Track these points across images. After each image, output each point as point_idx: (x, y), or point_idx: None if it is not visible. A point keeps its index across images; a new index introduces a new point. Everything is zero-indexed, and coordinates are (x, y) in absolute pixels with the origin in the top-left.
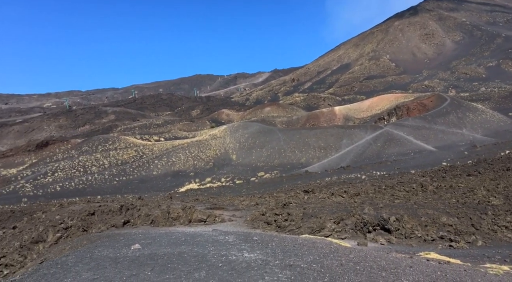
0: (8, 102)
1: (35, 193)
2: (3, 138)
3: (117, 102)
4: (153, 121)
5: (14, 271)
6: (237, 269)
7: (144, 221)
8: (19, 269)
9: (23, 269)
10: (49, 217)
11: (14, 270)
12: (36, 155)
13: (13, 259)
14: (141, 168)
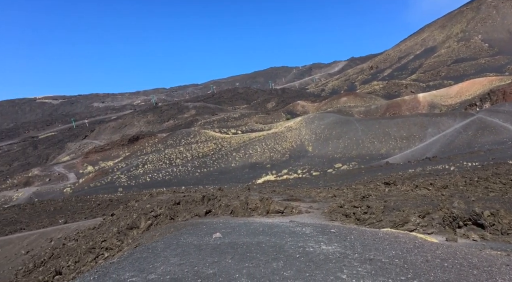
0: (105, 101)
1: (129, 183)
2: (101, 134)
3: (197, 98)
4: (231, 114)
5: (113, 254)
6: (314, 261)
7: (224, 211)
8: (117, 252)
9: (120, 253)
10: (141, 206)
11: (113, 253)
12: (129, 149)
13: (112, 243)
14: (220, 160)
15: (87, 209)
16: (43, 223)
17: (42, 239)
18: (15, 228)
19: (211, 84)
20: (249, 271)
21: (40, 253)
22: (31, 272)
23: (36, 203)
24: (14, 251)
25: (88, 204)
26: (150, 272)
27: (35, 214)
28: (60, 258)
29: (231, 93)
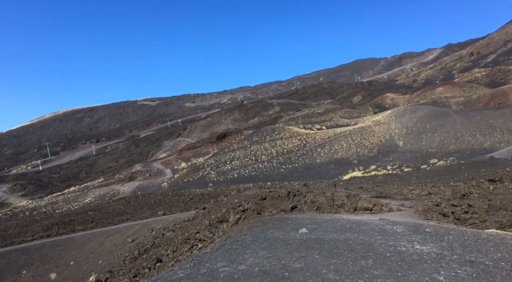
0: (195, 101)
1: (218, 179)
2: (192, 132)
3: (281, 94)
4: (315, 110)
5: (206, 245)
6: (407, 261)
7: (310, 207)
8: (209, 243)
9: (212, 244)
10: (230, 200)
11: (205, 244)
12: (217, 146)
13: (204, 234)
14: (305, 156)
15: (182, 202)
16: (145, 214)
17: (145, 229)
18: (122, 218)
19: (295, 80)
20: (336, 267)
21: (143, 241)
22: (136, 259)
23: (139, 196)
24: (122, 239)
25: (182, 198)
26: (240, 263)
27: (139, 206)
28: (160, 247)
29: (315, 88)
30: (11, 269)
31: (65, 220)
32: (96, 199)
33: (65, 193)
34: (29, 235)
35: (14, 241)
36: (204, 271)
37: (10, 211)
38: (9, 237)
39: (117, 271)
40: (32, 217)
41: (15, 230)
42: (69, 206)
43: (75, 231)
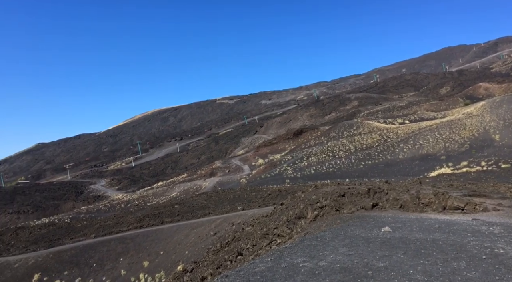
0: (271, 98)
1: (295, 175)
2: (269, 129)
3: (359, 88)
4: (396, 103)
5: (284, 240)
6: (506, 264)
7: (392, 205)
8: (287, 239)
9: (291, 240)
10: (307, 197)
11: (284, 240)
12: (294, 142)
13: (282, 230)
14: (386, 151)
15: (259, 198)
16: (226, 209)
17: (226, 223)
18: (205, 212)
19: (374, 73)
20: (424, 268)
21: (225, 235)
22: (219, 251)
23: (219, 191)
24: (205, 232)
25: (260, 194)
26: (320, 259)
27: (219, 201)
28: (240, 240)
29: (396, 80)
30: (111, 256)
31: (155, 212)
32: (181, 193)
33: (154, 187)
34: (125, 226)
35: (112, 231)
36: (284, 265)
37: (109, 203)
38: (108, 227)
39: (201, 262)
40: (127, 209)
41: (113, 221)
42: (158, 199)
43: (163, 223)
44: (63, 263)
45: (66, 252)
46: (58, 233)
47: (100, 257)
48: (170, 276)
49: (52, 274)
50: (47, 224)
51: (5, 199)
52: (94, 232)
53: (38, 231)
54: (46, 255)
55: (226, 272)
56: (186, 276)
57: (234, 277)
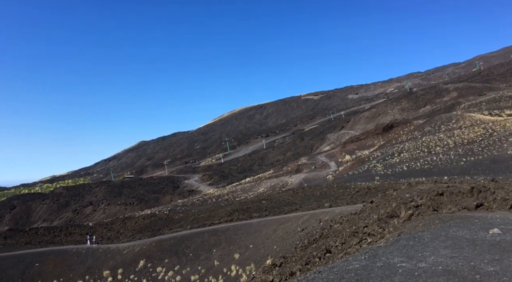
0: (358, 92)
1: (385, 172)
2: (356, 124)
3: (459, 78)
4: (504, 93)
5: (376, 240)
6: None
7: (500, 206)
8: (379, 238)
9: (383, 239)
10: (400, 195)
11: (375, 239)
12: (383, 137)
13: (373, 229)
14: (492, 146)
15: (347, 195)
16: (312, 206)
17: (313, 219)
18: (291, 208)
19: (477, 61)
20: None
21: (312, 231)
22: (307, 248)
23: (305, 188)
24: (292, 228)
25: (348, 191)
26: (419, 260)
27: (306, 197)
28: (328, 238)
29: (503, 68)
30: (205, 247)
31: (243, 207)
32: (267, 189)
33: (242, 183)
34: (216, 219)
35: (205, 223)
36: (380, 264)
37: (201, 197)
38: (202, 219)
39: (290, 257)
40: (217, 203)
41: (205, 214)
42: (246, 194)
43: (252, 217)
44: (163, 251)
45: (166, 241)
46: (158, 223)
47: (195, 248)
48: (260, 269)
49: (154, 261)
50: (149, 215)
51: (114, 191)
52: (190, 224)
53: (142, 221)
54: (150, 244)
55: (318, 268)
56: (275, 271)
57: (328, 274)
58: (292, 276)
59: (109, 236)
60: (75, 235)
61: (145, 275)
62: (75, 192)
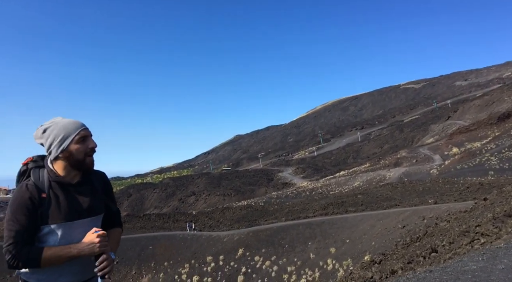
0: (468, 79)
1: (501, 166)
2: (465, 113)
3: None
4: None
5: (490, 240)
6: None
7: None
8: (494, 239)
9: (500, 240)
10: None
11: (490, 240)
12: (498, 128)
13: (487, 229)
14: None
15: (455, 191)
16: (414, 202)
17: (415, 216)
18: (390, 203)
19: None
20: None
21: (415, 229)
22: (409, 246)
23: (406, 182)
24: (392, 224)
25: (456, 186)
26: None
27: (406, 193)
28: (434, 236)
29: None
30: (300, 239)
31: (338, 201)
32: (363, 183)
33: (336, 176)
34: (311, 212)
35: (300, 216)
36: (501, 267)
37: (295, 190)
38: (296, 212)
39: (390, 255)
40: (311, 197)
41: (299, 207)
42: (340, 188)
43: (347, 211)
44: (260, 241)
45: (262, 232)
46: (254, 214)
47: (291, 239)
48: (358, 265)
49: (252, 250)
50: (246, 206)
51: (214, 183)
52: (284, 216)
53: (239, 211)
54: (247, 233)
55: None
56: (374, 267)
57: (440, 273)
58: (393, 274)
59: (210, 224)
60: (181, 222)
61: (244, 263)
62: (180, 182)
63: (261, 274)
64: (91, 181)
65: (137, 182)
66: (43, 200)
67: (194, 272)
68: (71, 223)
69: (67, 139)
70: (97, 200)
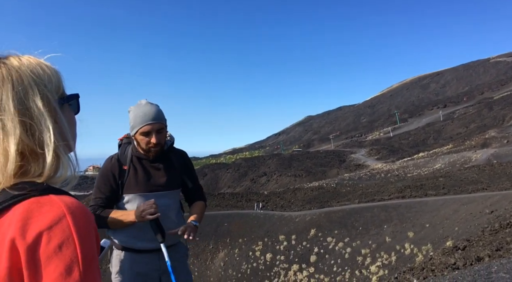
0: None
1: None
2: None
3: None
4: None
5: None
6: None
7: None
8: None
9: None
10: None
11: None
12: None
13: None
14: None
15: None
16: (504, 185)
17: (505, 201)
18: (476, 187)
19: None
20: None
21: (505, 215)
22: (497, 232)
23: (495, 165)
24: (478, 209)
25: None
26: None
27: (495, 176)
28: None
29: None
30: (375, 222)
31: (417, 184)
32: (445, 165)
33: (414, 158)
34: (386, 194)
35: (374, 198)
36: None
37: (369, 172)
38: (370, 194)
39: (475, 241)
40: (386, 179)
41: (374, 189)
42: (419, 170)
43: (427, 195)
44: (332, 223)
45: (334, 213)
46: (326, 196)
47: (364, 222)
48: (439, 250)
49: (324, 231)
50: (317, 187)
51: (284, 164)
52: (357, 198)
53: (310, 192)
54: (319, 214)
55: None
56: (457, 254)
57: None
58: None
59: (282, 204)
60: (253, 202)
61: (316, 243)
62: (251, 163)
63: (334, 255)
64: (170, 158)
65: (211, 162)
66: (123, 172)
67: (267, 249)
68: (147, 195)
69: (134, 129)
70: (172, 176)
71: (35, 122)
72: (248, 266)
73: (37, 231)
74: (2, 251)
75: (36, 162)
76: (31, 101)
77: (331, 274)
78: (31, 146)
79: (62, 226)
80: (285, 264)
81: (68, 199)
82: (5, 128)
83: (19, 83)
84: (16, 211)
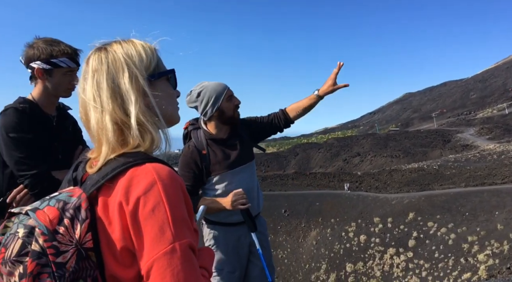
0: None
1: None
2: None
3: None
4: None
5: None
6: None
7: None
8: None
9: None
10: None
11: None
12: None
13: None
14: None
15: None
16: None
17: None
18: None
19: None
20: None
21: None
22: None
23: None
24: None
25: None
26: None
27: None
28: None
29: None
30: (484, 207)
31: None
32: None
33: None
34: (499, 178)
35: (484, 182)
36: None
37: (478, 153)
38: (479, 177)
39: None
40: (500, 161)
41: (484, 172)
42: None
43: None
44: (434, 207)
45: (436, 197)
46: (427, 178)
47: (472, 207)
48: None
49: (425, 216)
50: (417, 169)
51: (380, 144)
52: (464, 181)
53: (409, 174)
54: (419, 197)
55: None
56: None
57: None
58: None
59: (377, 185)
60: (345, 182)
61: (415, 228)
62: (344, 143)
63: (435, 241)
64: (238, 133)
65: (302, 141)
66: (204, 156)
67: (360, 231)
68: (231, 172)
69: (219, 99)
70: (246, 149)
71: (124, 98)
72: (341, 246)
73: (136, 197)
74: (114, 214)
75: (131, 134)
76: (121, 80)
77: (431, 260)
78: (124, 119)
79: (154, 192)
80: (380, 247)
81: (160, 167)
82: (103, 104)
83: (113, 65)
84: (121, 178)
